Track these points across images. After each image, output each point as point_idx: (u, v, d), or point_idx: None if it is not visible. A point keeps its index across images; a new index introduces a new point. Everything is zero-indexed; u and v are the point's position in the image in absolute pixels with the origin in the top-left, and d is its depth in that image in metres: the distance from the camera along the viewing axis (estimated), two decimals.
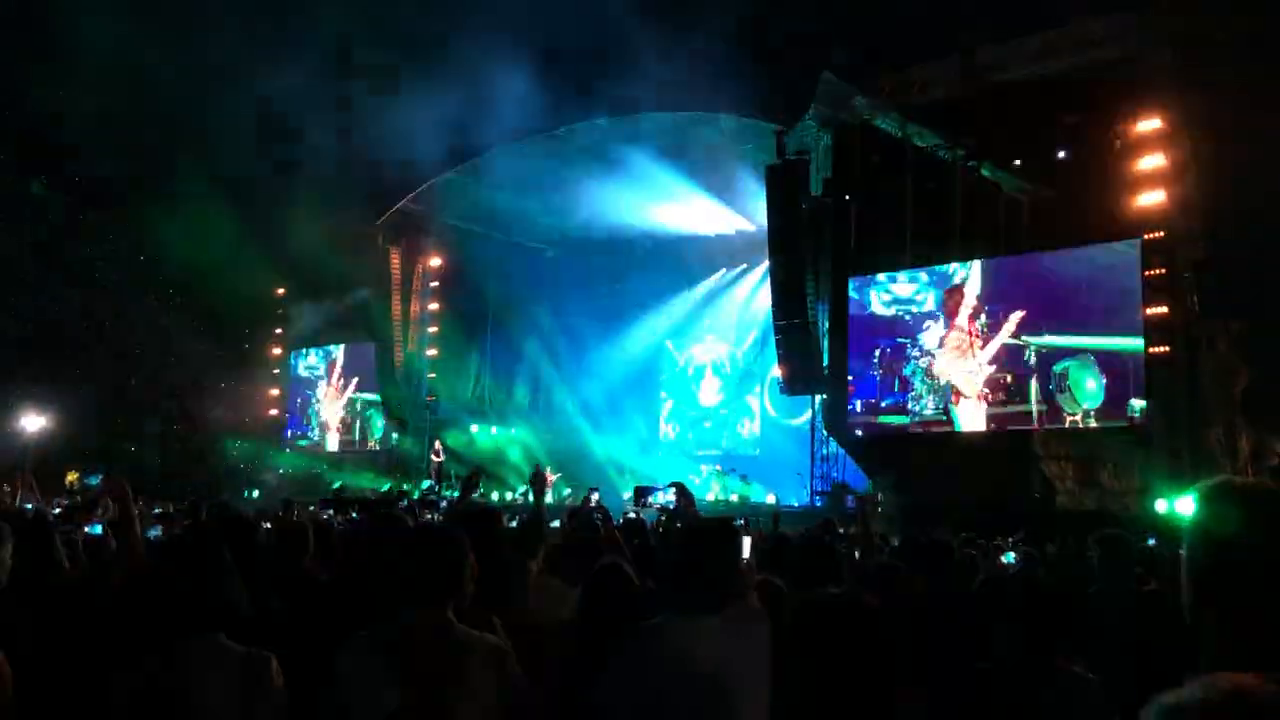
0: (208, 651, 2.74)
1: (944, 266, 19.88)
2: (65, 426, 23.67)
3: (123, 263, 26.43)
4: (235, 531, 3.83)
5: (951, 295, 19.65)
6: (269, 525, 7.61)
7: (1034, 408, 18.36)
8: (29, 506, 7.84)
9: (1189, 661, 1.69)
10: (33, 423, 22.30)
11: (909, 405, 20.06)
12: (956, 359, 19.43)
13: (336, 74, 21.37)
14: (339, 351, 31.32)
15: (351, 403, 30.79)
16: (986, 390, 19.03)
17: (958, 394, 19.39)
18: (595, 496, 6.22)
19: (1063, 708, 3.50)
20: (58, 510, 8.56)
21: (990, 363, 19.01)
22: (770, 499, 22.39)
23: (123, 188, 24.75)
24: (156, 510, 10.37)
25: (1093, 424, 17.82)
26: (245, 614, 2.86)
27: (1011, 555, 6.59)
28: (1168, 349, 16.66)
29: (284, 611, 3.96)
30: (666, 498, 4.12)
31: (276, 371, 32.41)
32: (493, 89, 20.89)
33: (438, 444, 26.28)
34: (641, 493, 4.52)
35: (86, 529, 5.41)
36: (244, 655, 2.78)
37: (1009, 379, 18.75)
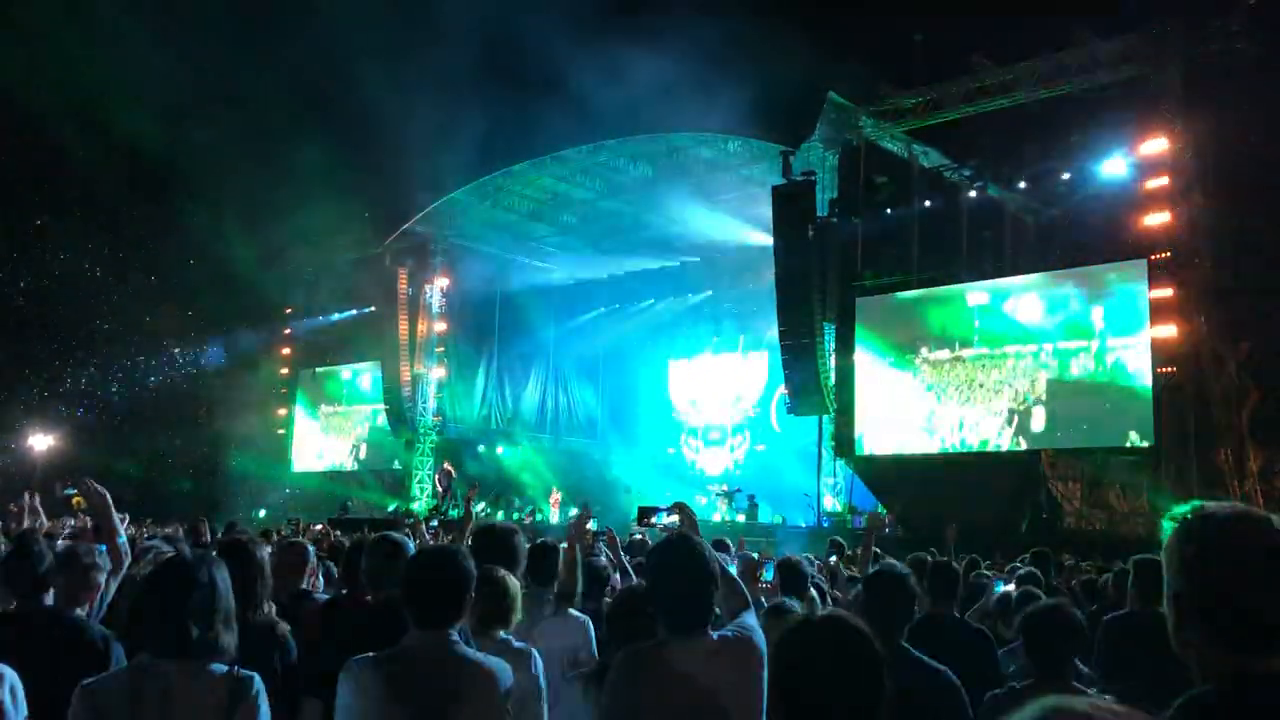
0: (184, 671, 2.72)
1: (952, 287, 19.85)
2: (72, 445, 23.74)
3: (131, 281, 26.54)
4: (234, 554, 3.83)
5: (963, 319, 19.60)
6: (274, 545, 7.61)
7: (1042, 433, 18.32)
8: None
9: (1185, 682, 1.71)
10: (40, 442, 22.38)
11: (918, 432, 19.98)
12: (965, 385, 19.38)
13: (343, 93, 21.50)
14: (346, 370, 31.41)
15: (358, 422, 30.83)
16: (994, 416, 18.98)
17: (964, 421, 19.34)
18: (592, 525, 6.18)
19: None
20: (66, 531, 8.55)
21: (996, 388, 18.97)
22: (777, 520, 22.33)
23: (130, 207, 24.89)
24: (165, 532, 10.36)
25: (1102, 447, 17.80)
26: (225, 647, 2.80)
27: (1001, 585, 6.54)
28: (1175, 370, 16.61)
29: (288, 631, 3.96)
30: (670, 518, 4.10)
31: (284, 390, 32.49)
32: (500, 110, 21.02)
33: (447, 464, 26.30)
34: (644, 513, 4.51)
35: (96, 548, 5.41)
36: (225, 675, 2.76)
37: (1017, 403, 18.72)
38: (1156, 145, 17.09)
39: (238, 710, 2.71)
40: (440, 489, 25.47)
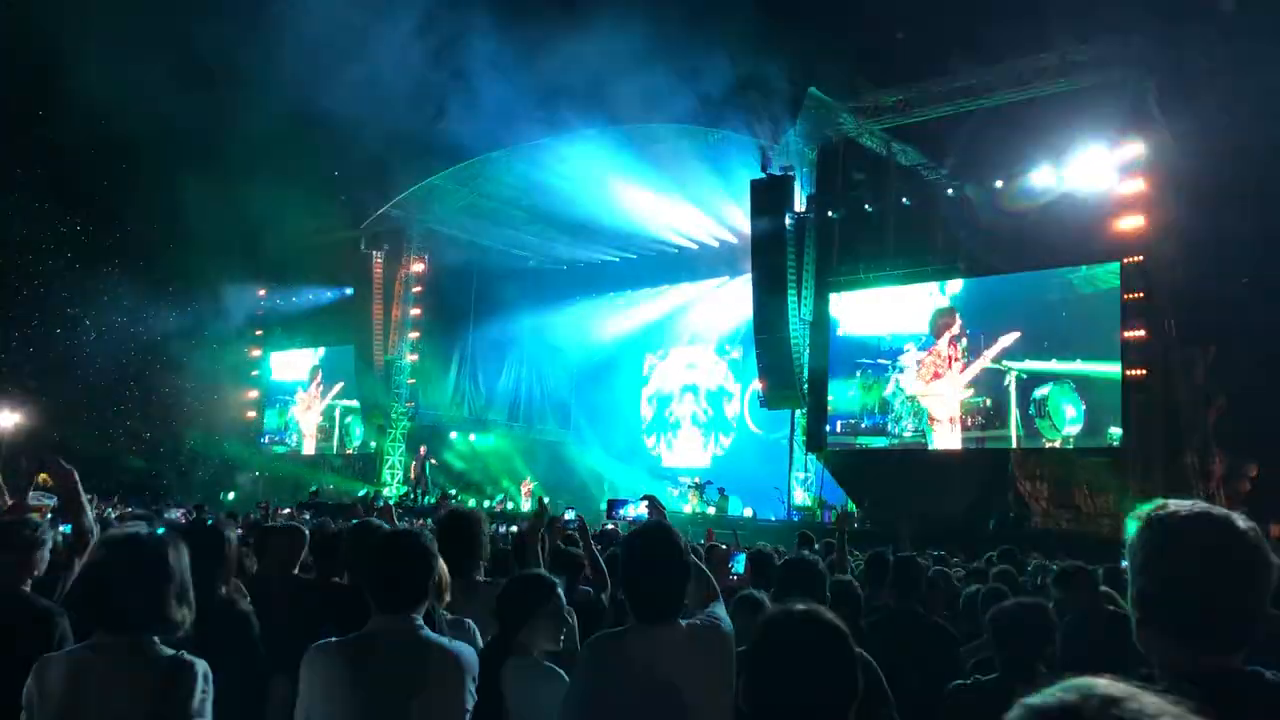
0: (130, 651, 2.69)
1: (927, 284, 19.97)
2: (39, 424, 23.48)
3: (99, 261, 26.22)
4: (203, 536, 3.81)
5: (941, 316, 19.72)
6: (243, 529, 7.57)
7: (1013, 432, 18.46)
8: None
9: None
10: (5, 419, 22.12)
11: (889, 427, 20.12)
12: (934, 382, 19.51)
13: (321, 75, 21.27)
14: (318, 355, 31.20)
15: (330, 407, 30.66)
16: (965, 414, 19.12)
17: (933, 418, 19.47)
18: (570, 514, 6.23)
19: None
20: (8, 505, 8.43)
21: (968, 386, 19.11)
22: (747, 513, 22.39)
23: (100, 186, 24.57)
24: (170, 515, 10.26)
25: (1070, 447, 17.96)
26: (179, 622, 2.78)
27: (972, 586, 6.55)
28: (1145, 372, 16.77)
29: (253, 613, 3.94)
30: (638, 511, 4.11)
31: (255, 373, 32.27)
32: (479, 96, 20.87)
33: (423, 449, 26.21)
34: (614, 506, 4.51)
35: (62, 528, 5.35)
36: (169, 659, 2.73)
37: (988, 403, 18.85)
38: (1132, 149, 17.23)
39: (171, 696, 2.68)
40: (414, 475, 25.41)
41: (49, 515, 5.69)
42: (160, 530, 3.07)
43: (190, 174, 23.92)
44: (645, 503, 4.14)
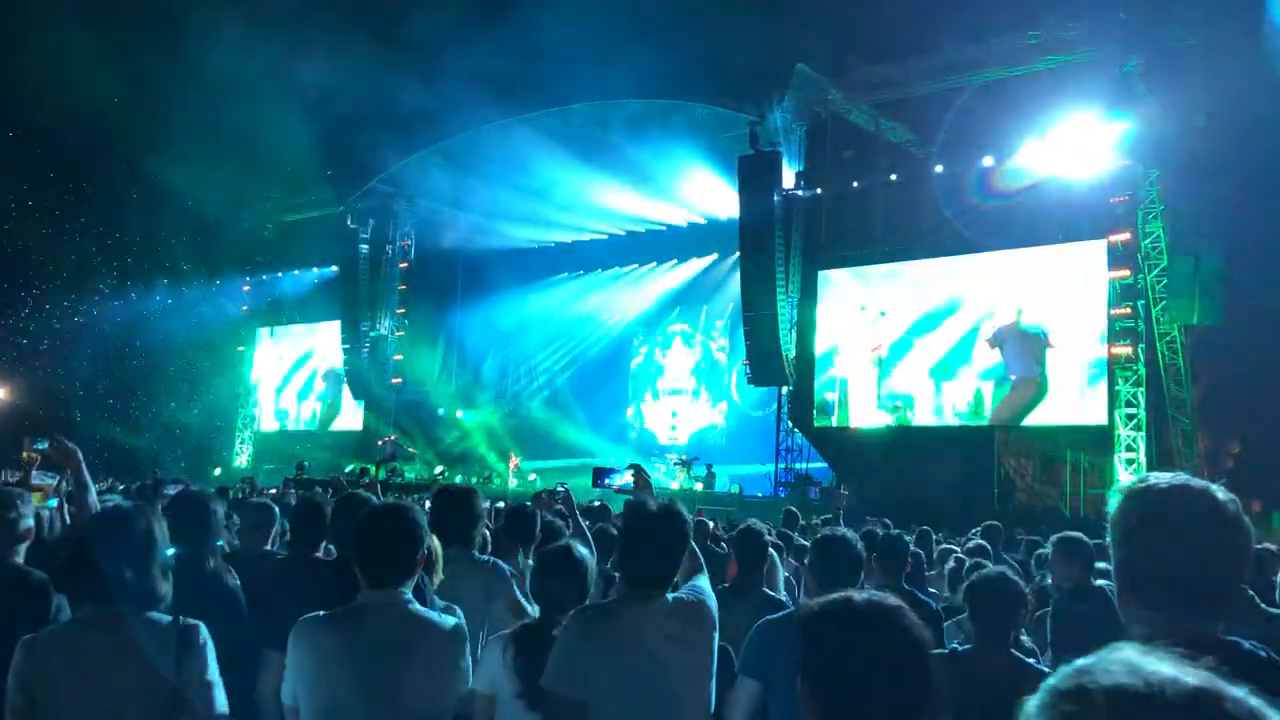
0: (127, 622, 2.68)
1: (913, 262, 19.99)
2: (24, 398, 23.39)
3: (86, 239, 26.03)
4: (191, 508, 3.80)
5: (920, 295, 19.76)
6: (229, 503, 7.56)
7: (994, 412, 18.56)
8: None
9: None
10: None
11: (874, 404, 20.15)
12: (922, 361, 19.58)
13: (308, 49, 21.10)
14: (305, 330, 31.09)
15: (317, 382, 30.59)
16: (950, 391, 19.18)
17: (920, 393, 19.53)
18: (563, 488, 6.22)
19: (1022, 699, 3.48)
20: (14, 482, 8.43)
21: (951, 364, 19.17)
22: (734, 489, 22.46)
23: (89, 157, 24.34)
24: (120, 487, 10.24)
25: (1053, 423, 18.05)
26: (162, 596, 2.77)
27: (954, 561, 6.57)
28: (1130, 350, 16.85)
29: (239, 588, 3.94)
30: (624, 480, 4.13)
31: (242, 348, 32.16)
32: (466, 71, 20.76)
33: (393, 436, 26.22)
34: (599, 474, 4.51)
35: (47, 503, 5.34)
36: (171, 624, 2.73)
37: (966, 380, 18.93)
38: (1118, 127, 17.24)
39: (187, 658, 2.69)
40: (386, 456, 25.44)
41: (56, 493, 5.70)
42: (128, 504, 3.04)
43: (177, 152, 23.73)
44: (631, 472, 4.15)
